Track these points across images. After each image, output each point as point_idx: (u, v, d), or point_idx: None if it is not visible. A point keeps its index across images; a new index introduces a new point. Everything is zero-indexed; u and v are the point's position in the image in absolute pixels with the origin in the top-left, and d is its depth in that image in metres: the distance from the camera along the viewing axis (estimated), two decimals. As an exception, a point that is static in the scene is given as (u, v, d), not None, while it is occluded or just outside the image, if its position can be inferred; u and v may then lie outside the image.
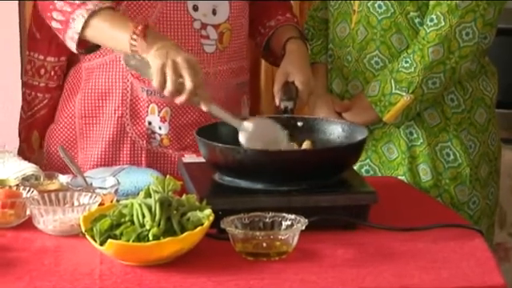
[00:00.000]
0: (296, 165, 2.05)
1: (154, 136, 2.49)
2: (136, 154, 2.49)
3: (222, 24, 2.47)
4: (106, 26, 2.27)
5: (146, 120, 2.48)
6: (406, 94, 2.42)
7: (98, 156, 2.49)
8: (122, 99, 2.47)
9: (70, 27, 2.29)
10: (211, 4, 2.44)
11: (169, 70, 2.11)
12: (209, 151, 2.10)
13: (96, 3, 2.28)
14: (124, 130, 2.49)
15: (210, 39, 2.46)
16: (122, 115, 2.48)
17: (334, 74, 2.58)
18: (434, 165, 2.49)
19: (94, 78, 2.48)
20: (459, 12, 2.39)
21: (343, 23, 2.55)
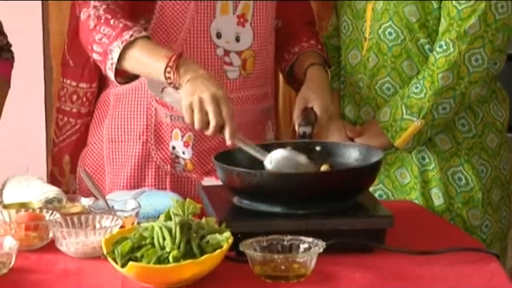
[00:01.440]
0: (313, 187, 2.02)
1: (178, 160, 2.48)
2: (161, 178, 2.48)
3: (245, 51, 2.46)
4: (141, 57, 2.27)
5: (169, 145, 2.47)
6: (417, 119, 2.40)
7: (124, 180, 2.48)
8: (147, 124, 2.47)
9: (108, 59, 2.30)
10: (234, 31, 2.44)
11: (195, 109, 2.14)
12: (227, 175, 2.09)
13: (131, 34, 2.28)
14: (149, 154, 2.48)
15: (233, 66, 2.45)
16: (147, 140, 2.47)
17: (347, 100, 2.57)
18: (447, 189, 2.48)
19: (121, 103, 2.49)
20: (468, 38, 2.37)
21: (355, 50, 2.54)
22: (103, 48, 2.30)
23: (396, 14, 2.42)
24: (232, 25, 2.44)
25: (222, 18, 2.42)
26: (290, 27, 2.60)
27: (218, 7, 2.41)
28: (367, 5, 2.48)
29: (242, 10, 2.44)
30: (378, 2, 2.45)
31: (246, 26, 2.45)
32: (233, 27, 2.44)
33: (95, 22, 2.33)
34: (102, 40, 2.31)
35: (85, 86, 2.55)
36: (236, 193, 2.10)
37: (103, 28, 2.31)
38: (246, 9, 2.44)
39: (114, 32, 2.29)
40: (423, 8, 2.41)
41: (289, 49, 2.59)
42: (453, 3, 2.37)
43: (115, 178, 2.49)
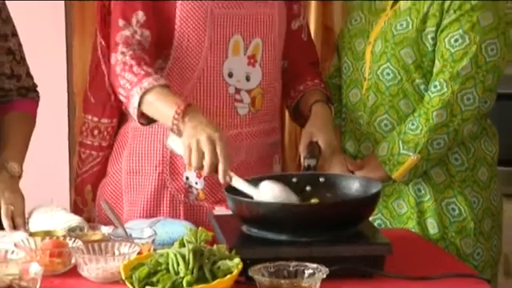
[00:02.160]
0: (316, 217, 2.02)
1: (191, 190, 2.47)
2: (175, 206, 2.47)
3: (254, 89, 2.47)
4: (156, 102, 2.28)
5: (183, 176, 2.47)
6: (413, 153, 2.40)
7: (141, 208, 2.48)
8: (163, 157, 2.47)
9: (130, 102, 2.31)
10: (245, 71, 2.45)
11: (193, 148, 2.14)
12: (236, 205, 2.08)
13: (150, 81, 2.29)
14: (164, 184, 2.47)
15: (243, 103, 2.46)
16: (163, 171, 2.47)
17: (348, 136, 2.57)
18: (441, 219, 2.46)
19: (138, 137, 2.49)
20: (460, 79, 2.37)
21: (355, 89, 2.54)
22: (126, 93, 2.32)
23: (393, 56, 2.43)
24: (243, 65, 2.44)
25: (233, 59, 2.43)
26: (295, 67, 2.61)
27: (230, 48, 2.42)
28: (366, 47, 2.49)
29: (253, 51, 2.45)
30: (376, 44, 2.46)
31: (256, 66, 2.46)
32: (243, 67, 2.45)
33: (121, 68, 2.35)
34: (125, 85, 2.32)
35: (106, 121, 2.55)
36: (245, 222, 2.09)
37: (127, 74, 2.33)
38: (256, 50, 2.46)
39: (135, 79, 2.31)
40: (418, 51, 2.41)
41: (294, 87, 2.59)
42: (446, 46, 2.37)
43: (132, 207, 2.49)
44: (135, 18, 2.39)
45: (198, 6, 2.38)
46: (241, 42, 2.43)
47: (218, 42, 2.41)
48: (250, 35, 2.44)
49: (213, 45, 2.40)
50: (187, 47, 2.40)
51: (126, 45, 2.37)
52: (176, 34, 2.40)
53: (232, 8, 2.42)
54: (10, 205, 2.28)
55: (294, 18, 2.59)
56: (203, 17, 2.38)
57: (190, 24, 2.39)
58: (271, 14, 2.47)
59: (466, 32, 2.36)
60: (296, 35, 2.60)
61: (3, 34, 2.43)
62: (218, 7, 2.39)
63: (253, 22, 2.44)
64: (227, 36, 2.41)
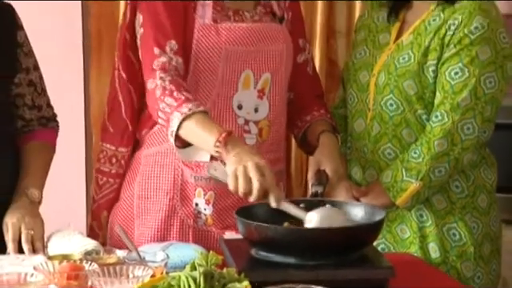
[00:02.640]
0: (323, 241, 2.02)
1: (200, 216, 2.47)
2: (184, 231, 2.46)
3: (261, 120, 2.46)
4: (196, 129, 2.27)
5: (193, 202, 2.46)
6: (416, 181, 2.39)
7: (152, 232, 2.47)
8: (174, 183, 2.46)
9: (169, 126, 2.30)
10: (254, 104, 2.45)
11: (240, 175, 2.13)
12: (246, 228, 2.08)
13: (190, 107, 2.28)
14: (175, 210, 2.47)
15: (251, 133, 2.45)
16: (173, 197, 2.46)
17: (353, 164, 2.57)
18: (442, 244, 2.46)
19: (150, 163, 2.48)
20: (460, 110, 2.37)
21: (360, 119, 2.54)
22: (166, 116, 2.31)
23: (396, 88, 2.43)
24: (252, 98, 2.45)
25: (243, 92, 2.44)
26: (301, 99, 2.61)
27: (240, 82, 2.43)
28: (371, 80, 2.49)
29: (262, 85, 2.45)
30: (380, 77, 2.46)
31: (264, 98, 2.46)
32: (253, 100, 2.45)
33: (161, 92, 2.33)
34: (165, 109, 2.31)
35: (123, 150, 2.55)
36: (254, 245, 2.08)
37: (167, 98, 2.32)
38: (265, 84, 2.46)
39: (175, 103, 2.30)
40: (420, 83, 2.41)
41: (301, 117, 2.59)
42: (446, 79, 2.37)
43: (143, 230, 2.48)
44: (169, 46, 2.39)
45: (214, 43, 2.39)
46: (251, 76, 2.44)
47: (230, 76, 2.42)
48: (260, 70, 2.44)
49: (225, 79, 2.41)
50: (201, 79, 2.41)
51: (164, 71, 2.36)
52: (191, 65, 2.41)
53: (244, 45, 2.42)
54: (30, 229, 2.28)
55: (300, 52, 2.59)
56: (217, 53, 2.39)
57: (205, 58, 2.40)
58: (280, 49, 2.48)
59: (466, 65, 2.37)
60: (302, 69, 2.60)
61: (25, 68, 2.44)
62: (231, 44, 2.40)
63: (263, 58, 2.45)
64: (238, 71, 2.42)
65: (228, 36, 2.40)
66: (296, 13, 2.60)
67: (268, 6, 2.51)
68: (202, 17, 2.41)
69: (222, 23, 2.41)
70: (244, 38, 2.42)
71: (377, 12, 2.58)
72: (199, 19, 2.41)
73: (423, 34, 2.43)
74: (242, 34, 2.42)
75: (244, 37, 2.42)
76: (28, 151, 2.47)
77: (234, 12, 2.46)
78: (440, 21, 2.42)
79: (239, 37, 2.42)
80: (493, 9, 2.42)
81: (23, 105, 2.46)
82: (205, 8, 2.42)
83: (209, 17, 2.41)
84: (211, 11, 2.42)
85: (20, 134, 2.49)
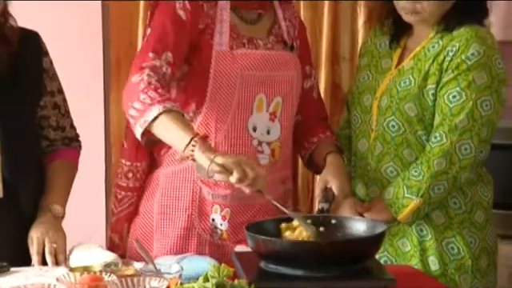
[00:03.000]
0: (327, 254, 2.01)
1: (216, 231, 2.46)
2: (201, 245, 2.46)
3: (274, 142, 2.46)
4: (172, 125, 2.21)
5: (210, 217, 2.46)
6: (416, 197, 2.39)
7: (170, 246, 2.46)
8: (192, 200, 2.46)
9: (143, 116, 2.23)
10: (266, 126, 2.44)
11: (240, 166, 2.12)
12: (255, 243, 2.08)
13: (173, 105, 2.24)
14: (192, 225, 2.46)
15: (264, 154, 2.45)
16: (192, 213, 2.46)
17: (357, 181, 2.56)
18: (441, 257, 2.45)
19: (170, 181, 2.47)
20: (458, 131, 2.37)
21: (363, 140, 2.54)
22: (143, 107, 2.23)
23: (398, 110, 2.43)
24: (265, 120, 2.44)
25: (257, 115, 2.43)
26: (307, 122, 2.61)
27: (254, 106, 2.43)
28: (373, 102, 2.49)
29: (274, 108, 2.45)
30: (382, 100, 2.47)
31: (275, 121, 2.46)
32: (265, 122, 2.44)
33: (145, 86, 2.26)
34: (145, 100, 2.24)
35: (138, 164, 2.54)
36: (263, 258, 2.08)
37: (151, 92, 2.25)
38: (277, 107, 2.46)
39: (159, 98, 2.23)
40: (420, 105, 2.41)
41: (308, 139, 2.58)
42: (445, 102, 2.37)
43: (162, 244, 2.47)
44: (165, 55, 2.36)
45: (230, 68, 2.40)
46: (264, 100, 2.44)
47: (245, 99, 2.41)
48: (272, 94, 2.44)
49: (240, 102, 2.41)
50: (218, 102, 2.41)
51: (154, 71, 2.31)
52: (209, 89, 2.40)
53: (258, 70, 2.42)
54: (53, 243, 2.28)
55: (306, 78, 2.59)
56: (234, 77, 2.39)
57: (222, 83, 2.40)
58: (291, 76, 2.48)
59: (463, 89, 2.36)
60: (308, 93, 2.60)
61: (50, 91, 2.45)
62: (246, 69, 2.40)
63: (275, 83, 2.45)
64: (253, 94, 2.42)
65: (243, 62, 2.41)
66: (303, 41, 2.60)
67: (279, 35, 2.52)
68: (219, 44, 2.41)
69: (237, 50, 2.42)
70: (258, 64, 2.43)
71: (379, 39, 2.58)
72: (216, 46, 2.41)
73: (423, 59, 2.43)
74: (257, 60, 2.43)
75: (258, 63, 2.43)
76: (52, 169, 2.47)
77: (248, 40, 2.46)
78: (439, 47, 2.42)
79: (254, 62, 2.42)
80: (488, 36, 2.42)
81: (48, 126, 2.47)
82: (222, 35, 2.42)
83: (225, 43, 2.41)
84: (228, 38, 2.42)
85: (45, 152, 2.48)
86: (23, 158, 2.37)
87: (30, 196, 2.39)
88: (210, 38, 2.42)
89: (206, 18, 2.41)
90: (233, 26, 2.44)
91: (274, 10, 2.53)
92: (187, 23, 2.39)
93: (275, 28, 2.52)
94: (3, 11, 2.30)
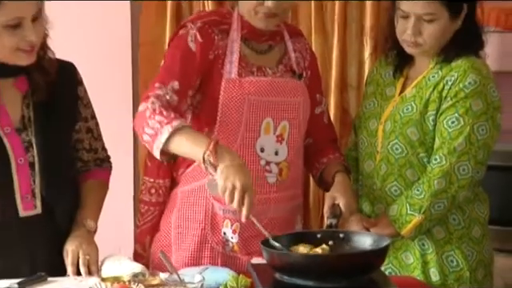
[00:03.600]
0: (336, 266, 2.01)
1: (228, 243, 2.46)
2: (214, 256, 2.45)
3: (281, 162, 2.45)
4: (186, 141, 2.22)
5: (222, 231, 2.45)
6: (418, 214, 2.38)
7: (186, 257, 2.45)
8: (205, 215, 2.45)
9: (157, 139, 2.24)
10: (274, 147, 2.43)
11: (227, 193, 2.12)
12: (270, 256, 2.07)
13: (180, 122, 2.24)
14: (206, 238, 2.46)
15: (272, 173, 2.44)
16: (205, 227, 2.46)
17: (363, 199, 2.56)
18: (442, 269, 2.44)
19: (186, 199, 2.48)
20: (457, 154, 2.36)
21: (369, 161, 2.54)
22: (154, 131, 2.24)
23: (401, 134, 2.43)
24: (272, 142, 2.43)
25: (264, 137, 2.42)
26: (318, 144, 2.61)
27: (262, 128, 2.42)
28: (379, 127, 2.50)
29: (280, 131, 2.44)
30: (387, 124, 2.47)
31: (283, 143, 2.44)
32: (273, 144, 2.43)
33: (151, 112, 2.27)
34: (154, 125, 2.25)
35: (160, 181, 2.54)
36: (277, 270, 2.07)
37: (157, 116, 2.26)
38: (283, 130, 2.44)
39: (166, 120, 2.24)
40: (422, 130, 2.41)
41: (318, 159, 2.58)
42: (444, 126, 2.37)
43: (179, 256, 2.46)
44: (171, 84, 2.36)
45: (238, 94, 2.39)
46: (271, 123, 2.43)
47: (253, 122, 2.41)
48: (278, 118, 2.43)
49: (248, 125, 2.40)
50: (228, 126, 2.40)
51: (157, 98, 2.30)
52: (219, 113, 2.40)
53: (265, 95, 2.41)
54: (86, 255, 2.29)
55: (317, 105, 2.59)
56: (241, 103, 2.39)
57: (231, 107, 2.39)
58: (297, 102, 2.47)
59: (461, 115, 2.36)
60: (318, 118, 2.60)
61: (84, 117, 2.46)
62: (253, 95, 2.40)
63: (281, 108, 2.44)
64: (260, 118, 2.41)
65: (250, 88, 2.40)
66: (314, 71, 2.60)
67: (289, 65, 2.51)
68: (229, 72, 2.41)
69: (245, 77, 2.41)
70: (265, 90, 2.42)
71: (384, 69, 2.59)
72: (226, 74, 2.41)
73: (424, 88, 2.43)
74: (264, 86, 2.42)
75: (265, 89, 2.42)
76: (86, 188, 2.47)
77: (257, 68, 2.45)
78: (438, 77, 2.42)
79: (261, 89, 2.41)
80: (484, 67, 2.42)
81: (82, 148, 2.48)
82: (231, 65, 2.41)
83: (234, 72, 2.41)
84: (237, 67, 2.41)
85: (79, 172, 2.49)
86: (60, 177, 2.37)
87: (65, 212, 2.39)
88: (220, 68, 2.41)
89: (217, 49, 2.41)
90: (243, 56, 2.44)
91: (284, 42, 2.53)
92: (197, 54, 2.39)
93: (285, 58, 2.52)
94: (43, 45, 2.32)
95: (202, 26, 2.41)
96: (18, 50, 2.23)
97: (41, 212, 2.32)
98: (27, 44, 2.23)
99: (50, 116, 2.35)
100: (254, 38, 2.46)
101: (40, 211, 2.32)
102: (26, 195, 2.30)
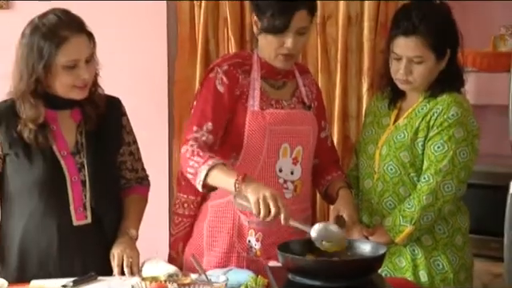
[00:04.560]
0: (341, 269, 2.03)
1: (252, 249, 2.46)
2: (240, 260, 2.45)
3: (296, 180, 2.46)
4: (219, 175, 2.27)
5: (247, 239, 2.46)
6: (409, 225, 2.38)
7: (216, 261, 2.46)
8: (233, 225, 2.46)
9: (197, 177, 2.30)
10: (290, 168, 2.44)
11: (261, 202, 2.14)
12: (284, 259, 2.08)
13: (213, 160, 2.29)
14: (233, 245, 2.46)
15: (288, 189, 2.44)
16: (232, 235, 2.46)
17: (363, 212, 2.54)
18: (430, 271, 2.43)
19: (216, 211, 2.48)
20: (442, 174, 2.36)
21: (368, 179, 2.53)
22: (194, 171, 2.30)
23: (395, 157, 2.43)
24: (289, 164, 2.44)
25: (282, 160, 2.43)
26: (323, 164, 2.60)
27: (280, 152, 2.43)
28: (376, 151, 2.49)
29: (295, 154, 2.45)
30: (383, 149, 2.46)
31: (297, 164, 2.45)
32: (289, 165, 2.44)
33: (190, 154, 2.32)
34: (194, 165, 2.30)
35: (192, 197, 2.54)
36: (290, 271, 2.08)
37: (195, 157, 2.31)
38: (298, 153, 2.45)
39: (202, 160, 2.29)
40: (412, 153, 2.41)
41: (323, 177, 2.58)
42: (431, 151, 2.37)
43: (210, 260, 2.47)
44: (206, 126, 2.39)
45: (260, 124, 2.41)
46: (288, 148, 2.43)
47: (273, 148, 2.41)
48: (294, 143, 2.44)
49: (269, 150, 2.41)
50: (252, 151, 2.42)
51: (195, 141, 2.35)
52: (245, 140, 2.42)
53: (283, 125, 2.43)
54: (129, 258, 2.29)
55: (322, 130, 2.59)
56: (263, 133, 2.41)
57: (255, 135, 2.41)
58: (308, 129, 2.49)
59: (445, 142, 2.36)
60: (323, 142, 2.60)
61: (127, 142, 2.47)
62: (273, 125, 2.42)
63: (296, 135, 2.45)
64: (279, 144, 2.43)
65: (271, 119, 2.42)
66: (319, 102, 2.60)
67: (300, 97, 2.52)
68: (252, 105, 2.42)
69: (266, 109, 2.43)
70: (283, 120, 2.43)
71: (380, 102, 2.58)
72: (250, 107, 2.42)
73: (414, 118, 2.43)
74: (282, 117, 2.44)
75: (283, 119, 2.43)
76: (128, 202, 2.47)
77: (275, 101, 2.46)
78: (426, 109, 2.42)
79: (279, 119, 2.43)
80: (464, 101, 2.43)
81: (125, 168, 2.48)
82: (254, 99, 2.43)
83: (257, 105, 2.42)
84: (259, 101, 2.43)
85: (122, 188, 2.50)
86: (107, 193, 2.38)
87: (111, 222, 2.39)
88: (244, 102, 2.43)
89: (241, 87, 2.43)
90: (263, 91, 2.45)
91: (295, 79, 2.55)
92: (225, 95, 2.41)
93: (297, 92, 2.53)
94: (94, 83, 2.35)
95: (227, 68, 2.44)
96: (73, 86, 2.27)
97: (91, 222, 2.34)
98: (81, 82, 2.27)
99: (99, 142, 2.37)
100: (272, 76, 2.48)
101: (90, 221, 2.33)
102: (78, 208, 2.31)
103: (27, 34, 2.24)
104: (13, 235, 2.33)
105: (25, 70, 2.23)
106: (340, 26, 3.14)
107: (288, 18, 2.34)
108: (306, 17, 2.38)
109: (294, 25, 2.35)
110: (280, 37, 2.37)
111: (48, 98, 2.29)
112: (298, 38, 2.38)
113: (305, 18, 2.37)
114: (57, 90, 2.28)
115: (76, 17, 2.28)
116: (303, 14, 2.36)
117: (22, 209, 2.31)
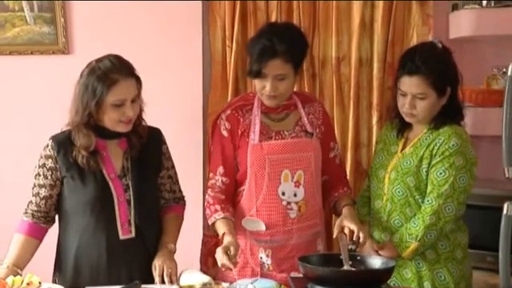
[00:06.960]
0: (355, 279, 2.04)
1: (264, 265, 2.46)
2: (254, 274, 2.44)
3: (299, 201, 2.43)
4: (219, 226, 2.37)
5: (259, 256, 2.46)
6: (415, 241, 2.38)
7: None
8: (246, 244, 2.46)
9: (209, 220, 2.41)
10: (293, 191, 2.43)
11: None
12: (305, 269, 2.09)
13: (216, 216, 2.37)
14: (247, 261, 2.46)
15: (293, 210, 2.43)
16: (246, 253, 2.46)
17: (374, 228, 2.54)
18: (433, 282, 2.42)
19: None
20: (444, 197, 2.36)
21: (378, 200, 2.53)
22: (208, 216, 2.41)
23: (402, 182, 2.44)
24: (291, 187, 2.41)
25: (284, 184, 2.41)
26: (332, 180, 2.57)
27: (282, 178, 2.41)
28: (385, 175, 2.49)
29: (297, 178, 2.42)
30: (391, 174, 2.47)
31: (300, 187, 2.42)
32: (292, 189, 2.41)
33: (206, 203, 2.44)
34: (208, 212, 2.42)
35: None
36: (310, 280, 2.09)
37: (211, 207, 2.41)
38: (299, 177, 2.42)
39: (210, 213, 2.40)
40: (418, 178, 2.41)
41: (332, 193, 2.55)
42: (434, 176, 2.38)
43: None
44: (218, 170, 2.44)
45: (260, 155, 2.41)
46: (289, 173, 2.41)
47: (274, 174, 2.40)
48: (294, 169, 2.41)
49: (270, 177, 2.40)
50: (256, 178, 2.42)
51: (212, 189, 2.43)
52: (249, 169, 2.42)
53: (281, 153, 2.41)
54: (169, 268, 2.31)
55: (331, 150, 2.55)
56: (263, 162, 2.41)
57: (256, 165, 2.41)
58: (309, 155, 2.44)
59: (447, 169, 2.36)
60: (332, 161, 2.55)
61: (166, 167, 2.48)
62: (272, 154, 2.41)
63: (296, 161, 2.41)
64: (279, 170, 2.40)
65: (269, 149, 2.40)
66: (327, 125, 2.54)
67: (303, 126, 2.48)
68: (253, 139, 2.42)
69: (264, 142, 2.41)
70: (280, 149, 2.40)
71: (389, 131, 2.57)
72: (251, 141, 2.42)
73: (419, 147, 2.43)
74: (280, 147, 2.41)
75: (280, 148, 2.40)
76: (167, 219, 2.48)
77: (276, 133, 2.43)
78: (430, 139, 2.42)
79: (277, 149, 2.40)
80: (464, 133, 2.43)
81: (164, 190, 2.49)
82: (254, 133, 2.43)
83: (256, 139, 2.41)
84: (258, 135, 2.41)
85: (162, 207, 2.49)
86: (148, 210, 2.39)
87: (152, 236, 2.40)
88: (246, 137, 2.43)
89: (243, 126, 2.45)
90: (264, 125, 2.45)
91: (298, 109, 2.49)
92: (229, 138, 2.45)
93: (300, 121, 2.48)
94: (139, 117, 2.39)
95: (229, 113, 2.47)
96: (119, 121, 2.32)
97: (135, 236, 2.35)
98: (126, 118, 2.31)
99: (142, 166, 2.40)
100: (271, 111, 2.48)
101: (134, 235, 2.35)
102: (124, 224, 2.34)
103: (85, 75, 2.30)
104: (69, 248, 2.37)
105: (80, 106, 2.29)
106: (353, 67, 3.15)
107: (261, 65, 2.33)
108: (282, 65, 2.31)
109: (269, 72, 2.34)
110: (260, 81, 2.38)
111: (99, 130, 2.34)
112: (277, 83, 2.36)
113: (280, 66, 2.31)
114: (106, 123, 2.33)
115: (127, 62, 2.33)
116: (277, 63, 2.32)
117: (76, 225, 2.35)
